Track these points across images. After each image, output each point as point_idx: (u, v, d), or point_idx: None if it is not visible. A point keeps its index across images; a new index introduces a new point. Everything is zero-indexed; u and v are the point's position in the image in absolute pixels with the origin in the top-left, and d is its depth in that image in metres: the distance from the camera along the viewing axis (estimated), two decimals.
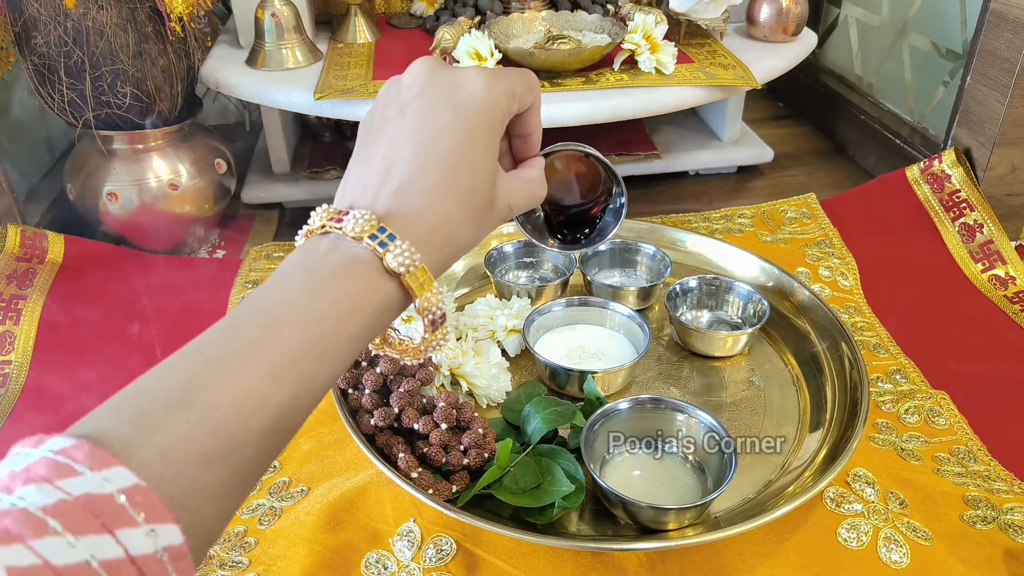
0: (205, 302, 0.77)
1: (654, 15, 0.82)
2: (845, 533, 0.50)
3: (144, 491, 0.24)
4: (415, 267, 0.32)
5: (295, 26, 0.85)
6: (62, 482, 0.23)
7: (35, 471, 0.23)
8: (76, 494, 0.23)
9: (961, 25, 0.89)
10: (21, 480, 0.23)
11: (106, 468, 0.24)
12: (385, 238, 0.32)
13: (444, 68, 0.37)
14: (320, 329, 0.30)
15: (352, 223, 0.32)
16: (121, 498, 0.23)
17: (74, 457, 0.24)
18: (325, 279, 0.32)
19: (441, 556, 0.49)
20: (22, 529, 0.21)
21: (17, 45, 0.75)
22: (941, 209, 0.85)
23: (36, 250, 0.77)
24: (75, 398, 0.65)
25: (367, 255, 0.32)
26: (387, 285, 0.32)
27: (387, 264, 0.32)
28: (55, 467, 0.23)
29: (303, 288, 0.31)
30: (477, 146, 0.36)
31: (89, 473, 0.23)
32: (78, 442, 0.24)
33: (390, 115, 0.36)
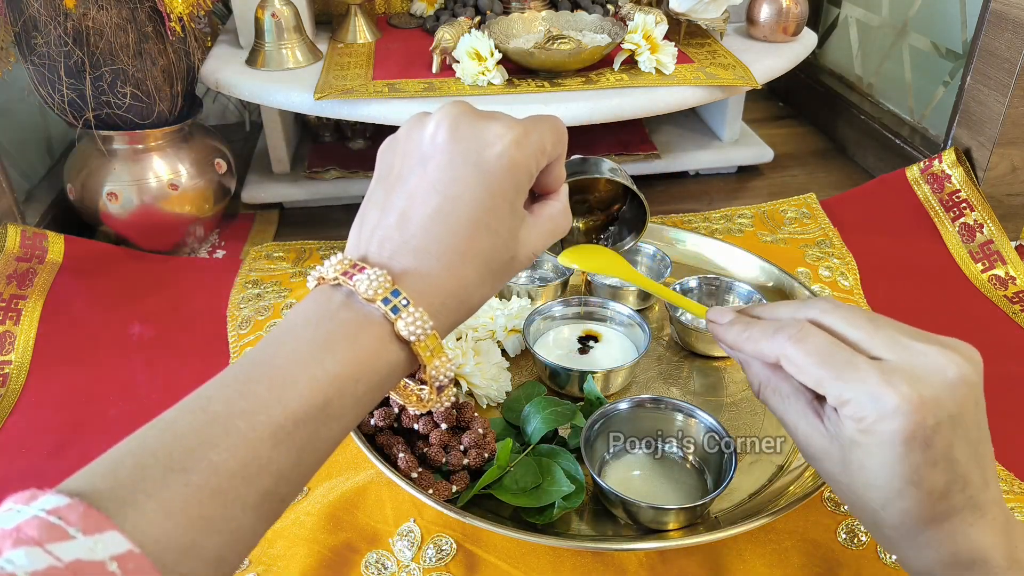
0: (205, 302, 0.77)
1: (654, 15, 0.82)
2: (845, 533, 0.50)
3: (137, 558, 0.23)
4: (426, 336, 0.32)
5: (295, 26, 0.85)
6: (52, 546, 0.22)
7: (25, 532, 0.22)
8: (67, 560, 0.22)
9: (961, 25, 0.89)
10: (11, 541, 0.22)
11: (99, 532, 0.23)
12: (398, 303, 0.31)
13: (471, 119, 0.35)
14: (327, 392, 0.30)
15: (367, 283, 0.31)
16: (112, 565, 0.22)
17: (67, 519, 0.23)
18: (336, 337, 0.31)
19: (441, 556, 0.49)
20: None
21: (17, 45, 0.75)
22: (941, 209, 0.85)
23: (36, 250, 0.77)
24: (75, 398, 0.65)
25: (379, 318, 0.32)
26: (397, 350, 0.32)
27: (398, 330, 0.32)
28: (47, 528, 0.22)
29: (312, 345, 0.31)
30: (500, 209, 0.34)
31: (81, 537, 0.22)
32: (72, 502, 0.23)
33: (411, 164, 0.35)
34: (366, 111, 0.78)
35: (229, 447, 0.27)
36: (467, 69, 0.79)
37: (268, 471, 0.28)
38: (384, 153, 0.37)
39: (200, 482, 0.26)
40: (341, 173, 0.95)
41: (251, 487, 0.27)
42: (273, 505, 0.29)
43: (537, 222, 0.38)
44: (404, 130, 0.37)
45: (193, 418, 0.28)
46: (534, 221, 0.38)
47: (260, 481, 0.27)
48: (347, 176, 0.95)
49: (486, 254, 0.34)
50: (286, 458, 0.28)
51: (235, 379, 0.29)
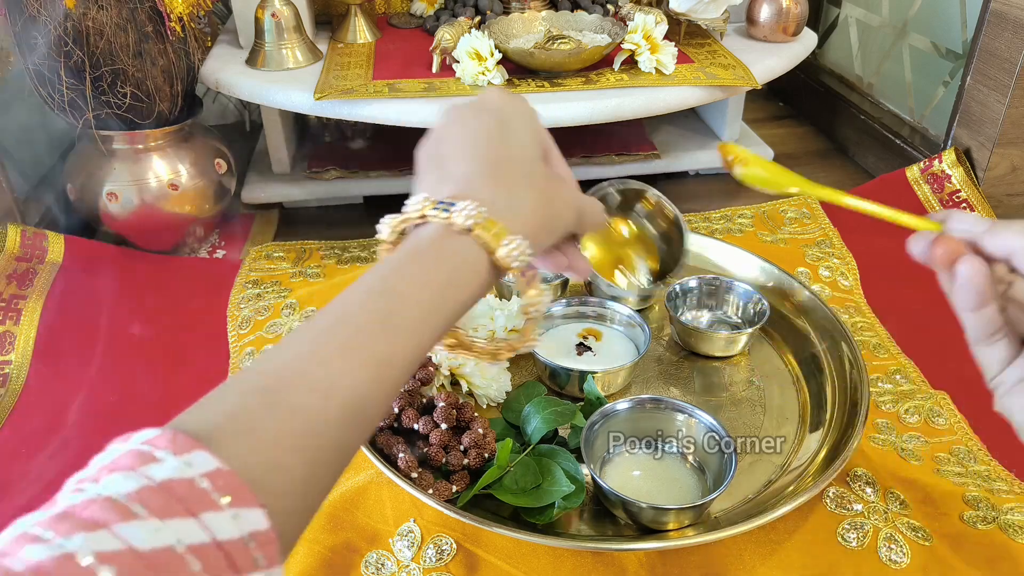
0: (205, 302, 0.77)
1: (654, 15, 0.82)
2: (845, 533, 0.50)
3: (226, 475, 0.24)
4: (483, 219, 0.33)
5: (295, 26, 0.85)
6: (145, 468, 0.23)
7: (121, 461, 0.23)
8: (159, 479, 0.23)
9: (961, 25, 0.89)
10: (107, 470, 0.23)
11: (187, 453, 0.24)
12: (446, 205, 0.33)
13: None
14: (389, 303, 0.30)
15: (411, 206, 0.33)
16: (204, 482, 0.23)
17: (157, 445, 0.24)
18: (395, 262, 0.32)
19: (441, 556, 0.49)
20: (107, 515, 0.21)
21: (17, 45, 0.75)
22: (941, 209, 0.85)
23: (36, 250, 0.77)
24: (75, 398, 0.65)
25: (434, 227, 0.33)
26: (460, 246, 0.33)
27: (455, 223, 0.32)
28: (139, 456, 0.24)
29: (373, 276, 0.32)
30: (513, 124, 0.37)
31: (171, 458, 0.23)
32: (163, 432, 0.24)
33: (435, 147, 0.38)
34: (366, 111, 0.78)
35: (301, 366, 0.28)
36: (467, 69, 0.79)
37: (342, 387, 0.28)
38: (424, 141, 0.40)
39: (278, 400, 0.27)
40: (341, 173, 0.95)
41: (328, 404, 0.27)
42: (355, 424, 0.29)
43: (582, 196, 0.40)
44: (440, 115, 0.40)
45: (271, 351, 0.29)
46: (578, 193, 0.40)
47: (337, 398, 0.28)
48: (347, 176, 0.95)
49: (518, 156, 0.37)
50: (360, 372, 0.29)
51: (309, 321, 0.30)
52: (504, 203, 0.34)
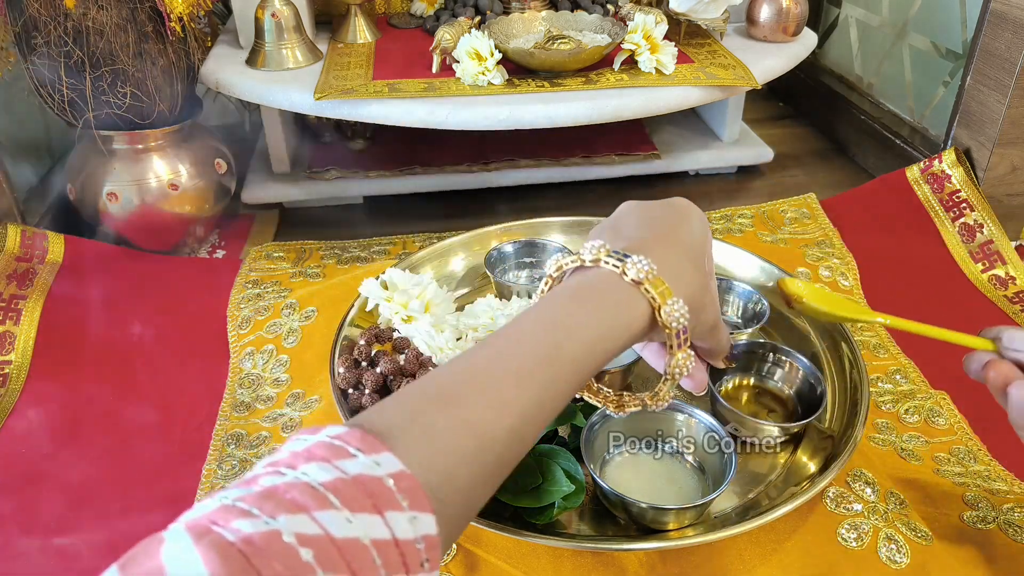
0: (205, 302, 0.77)
1: (654, 15, 0.82)
2: (845, 533, 0.50)
3: (408, 478, 0.25)
4: (653, 276, 0.35)
5: (295, 26, 0.85)
6: (339, 462, 0.25)
7: (315, 451, 0.25)
8: (352, 473, 0.24)
9: (961, 25, 0.89)
10: (303, 458, 0.25)
11: (376, 453, 0.25)
12: (621, 256, 0.35)
13: None
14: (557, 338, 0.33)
15: (588, 250, 0.36)
16: (390, 482, 0.25)
17: (348, 441, 0.26)
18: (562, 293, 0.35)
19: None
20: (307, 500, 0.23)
21: (17, 44, 0.75)
22: (941, 209, 0.85)
23: (36, 250, 0.77)
24: (74, 398, 0.65)
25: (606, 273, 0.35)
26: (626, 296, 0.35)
27: (627, 274, 0.35)
28: (332, 449, 0.25)
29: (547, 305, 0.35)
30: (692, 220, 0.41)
31: (362, 456, 0.25)
32: (351, 429, 0.26)
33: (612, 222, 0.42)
34: (366, 111, 0.78)
35: (478, 387, 0.30)
36: (467, 69, 0.79)
37: (512, 409, 0.30)
38: None
39: (456, 416, 0.29)
40: (341, 173, 0.95)
41: (499, 423, 0.30)
42: (517, 444, 0.31)
43: None
44: None
45: (450, 366, 0.32)
46: None
47: (507, 418, 0.30)
48: (347, 176, 0.95)
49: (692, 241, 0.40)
50: (528, 398, 0.31)
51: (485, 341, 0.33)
52: (671, 269, 0.37)
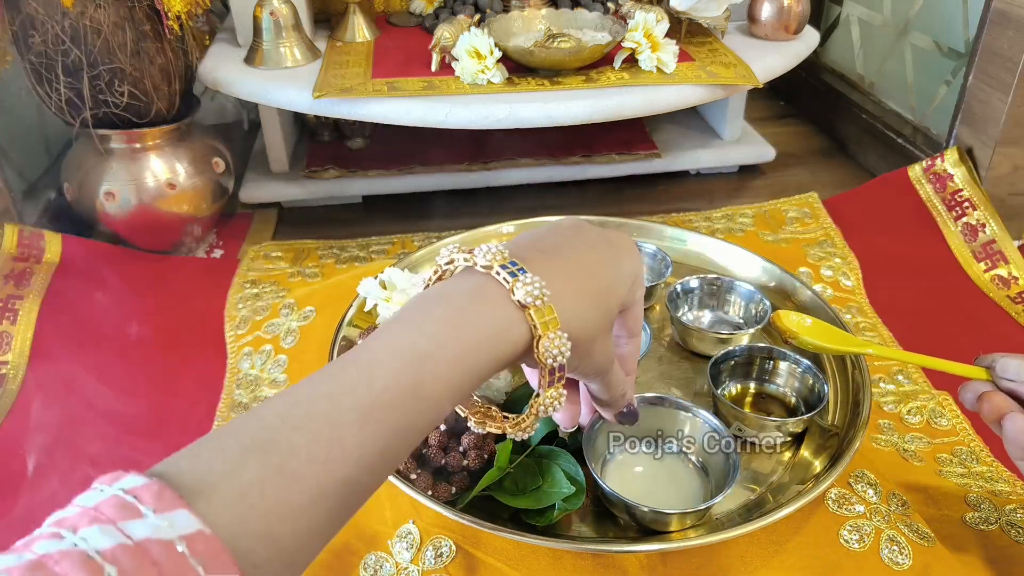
0: (203, 302, 0.76)
1: (655, 13, 0.81)
2: (847, 534, 0.50)
3: (207, 538, 0.22)
4: (543, 303, 0.31)
5: (293, 24, 0.85)
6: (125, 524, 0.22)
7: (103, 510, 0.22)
8: (137, 538, 0.22)
9: (963, 24, 0.88)
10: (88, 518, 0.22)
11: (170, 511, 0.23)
12: (516, 270, 0.31)
13: None
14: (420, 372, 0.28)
15: (484, 252, 0.31)
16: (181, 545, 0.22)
17: (141, 498, 0.23)
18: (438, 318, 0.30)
19: (440, 558, 0.49)
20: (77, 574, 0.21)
21: (15, 43, 0.74)
22: (943, 208, 0.85)
23: (33, 250, 0.77)
24: (71, 399, 0.65)
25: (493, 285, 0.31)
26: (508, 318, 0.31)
27: (515, 294, 0.30)
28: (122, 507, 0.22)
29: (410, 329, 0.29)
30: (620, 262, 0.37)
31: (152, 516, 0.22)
32: (149, 482, 0.23)
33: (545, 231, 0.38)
34: (365, 110, 0.78)
35: (312, 429, 0.26)
36: (467, 67, 0.78)
37: (351, 457, 0.26)
38: None
39: (278, 464, 0.25)
40: (340, 172, 0.95)
41: (332, 474, 0.26)
42: (352, 496, 0.27)
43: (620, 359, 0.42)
44: None
45: (280, 400, 0.27)
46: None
47: (342, 467, 0.26)
48: (346, 175, 0.95)
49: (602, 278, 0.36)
50: (371, 443, 0.27)
51: (327, 369, 0.28)
52: (568, 301, 0.33)
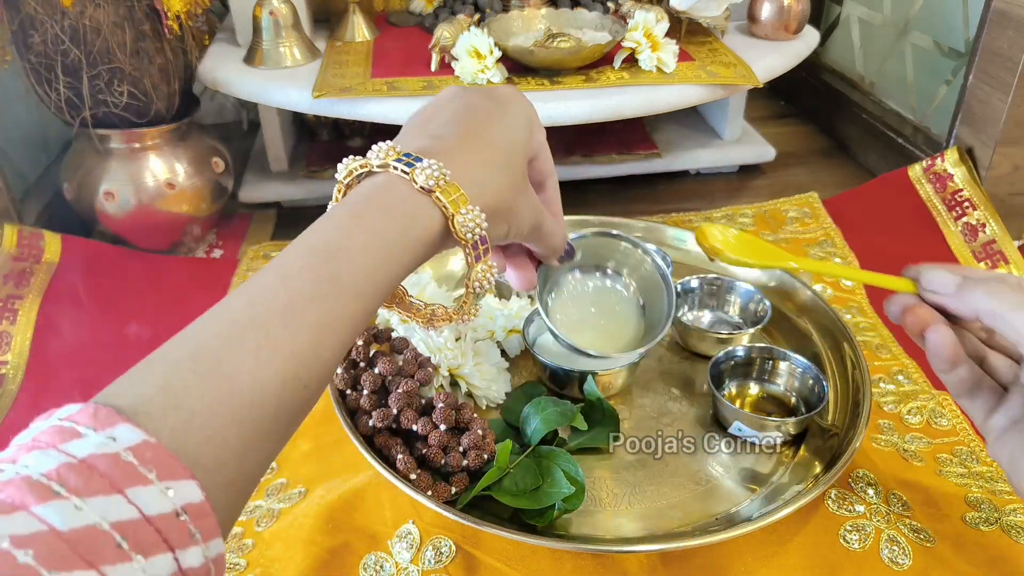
0: (202, 302, 0.76)
1: (655, 13, 0.81)
2: (847, 535, 0.50)
3: (153, 447, 0.22)
4: (446, 182, 0.31)
5: (293, 24, 0.85)
6: (65, 445, 0.22)
7: (40, 439, 0.22)
8: (80, 456, 0.22)
9: (963, 24, 0.88)
10: (27, 449, 0.22)
11: (110, 427, 0.22)
12: (412, 160, 0.31)
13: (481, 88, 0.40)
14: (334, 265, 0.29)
15: (376, 152, 0.32)
16: (128, 456, 0.22)
17: (78, 421, 0.23)
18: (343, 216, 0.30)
19: (440, 558, 0.49)
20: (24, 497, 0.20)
21: (14, 43, 0.74)
22: (944, 208, 0.85)
23: (33, 250, 0.77)
24: (71, 399, 0.64)
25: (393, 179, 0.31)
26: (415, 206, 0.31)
27: (415, 181, 0.31)
28: (59, 432, 0.22)
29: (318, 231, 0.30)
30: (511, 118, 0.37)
31: (93, 434, 0.22)
32: (84, 406, 0.23)
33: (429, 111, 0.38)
34: (364, 109, 0.78)
35: (237, 334, 0.26)
36: (466, 67, 0.78)
37: (282, 352, 0.26)
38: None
39: (209, 368, 0.25)
40: None
41: (267, 370, 0.26)
42: (297, 393, 0.27)
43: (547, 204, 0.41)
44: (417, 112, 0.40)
45: (203, 319, 0.27)
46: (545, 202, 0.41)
47: (275, 363, 0.26)
48: None
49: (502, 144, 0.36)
50: (301, 337, 0.27)
51: (245, 283, 0.29)
52: (472, 173, 0.33)
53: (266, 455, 0.27)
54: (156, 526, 0.21)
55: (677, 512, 0.51)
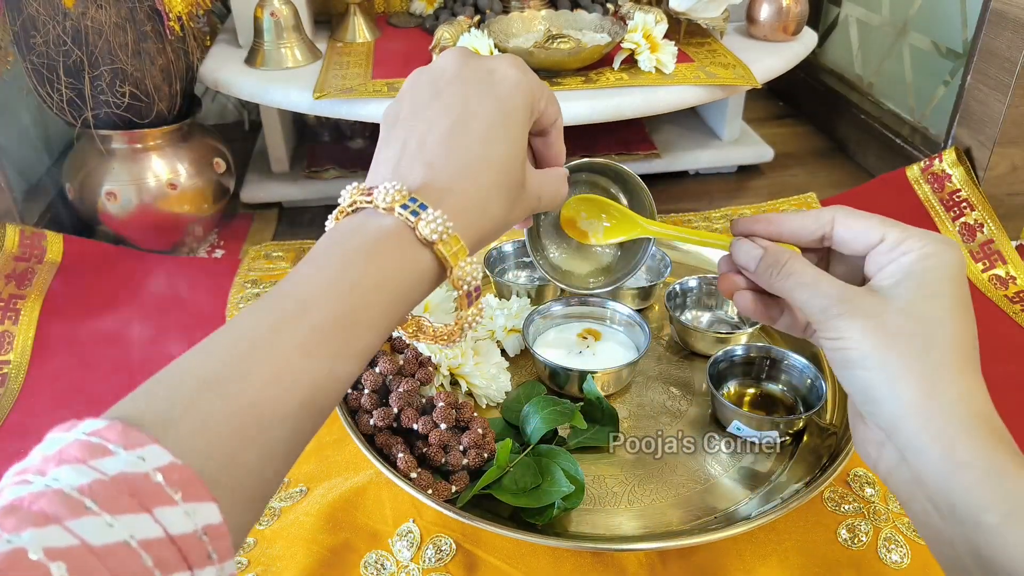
0: (204, 302, 0.77)
1: (654, 14, 0.82)
2: (845, 533, 0.50)
3: (180, 469, 0.23)
4: (448, 236, 0.32)
5: (294, 25, 0.85)
6: (96, 462, 0.22)
7: (68, 452, 0.23)
8: (111, 473, 0.22)
9: (961, 24, 0.89)
10: (55, 462, 0.23)
11: (140, 447, 0.23)
12: (417, 207, 0.32)
13: (476, 56, 0.38)
14: (351, 301, 0.30)
15: (383, 194, 0.32)
16: (157, 476, 0.23)
17: (107, 437, 0.23)
18: (356, 253, 0.32)
19: (440, 556, 0.49)
20: (58, 510, 0.21)
21: (16, 44, 0.75)
22: (941, 208, 0.85)
23: (35, 250, 0.77)
24: (74, 398, 0.65)
25: (399, 226, 0.32)
26: (420, 255, 0.32)
27: (420, 233, 0.32)
28: (88, 448, 0.23)
29: (334, 263, 0.31)
30: (511, 123, 0.36)
31: (123, 452, 0.23)
32: (111, 423, 0.24)
33: (423, 100, 0.36)
34: (365, 110, 0.78)
35: (260, 361, 0.27)
36: None
37: (301, 382, 0.28)
38: (390, 108, 0.38)
39: (235, 394, 0.26)
40: (340, 172, 0.95)
41: (285, 398, 0.27)
42: (311, 416, 0.29)
43: (542, 174, 0.40)
44: (410, 80, 0.38)
45: (223, 339, 0.28)
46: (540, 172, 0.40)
47: (295, 392, 0.28)
48: (346, 175, 0.95)
49: (500, 164, 0.35)
50: (319, 369, 0.28)
51: (263, 304, 0.30)
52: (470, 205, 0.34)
53: (279, 475, 0.28)
54: (178, 545, 0.22)
55: (676, 511, 0.51)
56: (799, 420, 0.55)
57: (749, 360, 0.61)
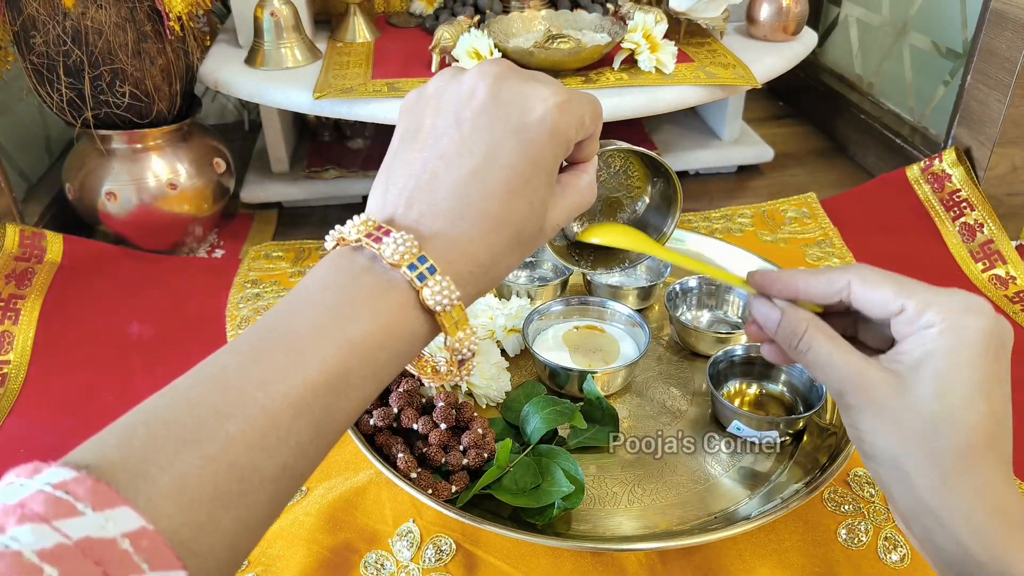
0: (204, 302, 0.77)
1: (654, 14, 0.82)
2: (845, 533, 0.50)
3: (151, 535, 0.22)
4: (452, 306, 0.31)
5: (294, 25, 0.85)
6: (60, 523, 0.21)
7: (31, 507, 0.21)
8: (76, 537, 0.21)
9: (961, 24, 0.89)
10: (15, 517, 0.21)
11: (109, 508, 0.22)
12: (425, 270, 0.30)
13: (513, 80, 0.33)
14: (348, 361, 0.28)
15: (392, 247, 0.30)
16: (125, 543, 0.21)
17: (75, 494, 0.21)
18: (357, 303, 0.30)
19: (440, 556, 0.49)
20: None
21: (16, 44, 0.75)
22: (941, 208, 0.85)
23: (35, 250, 0.77)
24: (73, 398, 0.65)
25: (403, 284, 0.30)
26: (420, 319, 0.31)
27: (423, 299, 0.30)
28: (53, 504, 0.21)
29: (332, 312, 0.29)
30: (537, 179, 0.33)
31: (91, 513, 0.21)
32: (79, 475, 0.22)
33: (444, 123, 0.33)
34: (365, 110, 0.78)
35: (246, 418, 0.26)
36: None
37: (287, 443, 0.26)
38: (411, 109, 0.35)
39: (216, 454, 0.25)
40: (340, 172, 0.95)
41: (269, 460, 0.26)
42: (290, 480, 0.27)
43: (565, 193, 0.36)
44: (436, 85, 0.34)
45: (207, 388, 0.26)
46: (561, 191, 0.36)
47: (279, 454, 0.26)
48: (346, 175, 0.95)
49: (518, 224, 0.32)
50: (305, 429, 0.27)
51: (250, 347, 0.28)
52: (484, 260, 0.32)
53: (254, 540, 0.27)
54: None
55: (676, 511, 0.51)
56: (799, 420, 0.55)
57: (749, 360, 0.61)
